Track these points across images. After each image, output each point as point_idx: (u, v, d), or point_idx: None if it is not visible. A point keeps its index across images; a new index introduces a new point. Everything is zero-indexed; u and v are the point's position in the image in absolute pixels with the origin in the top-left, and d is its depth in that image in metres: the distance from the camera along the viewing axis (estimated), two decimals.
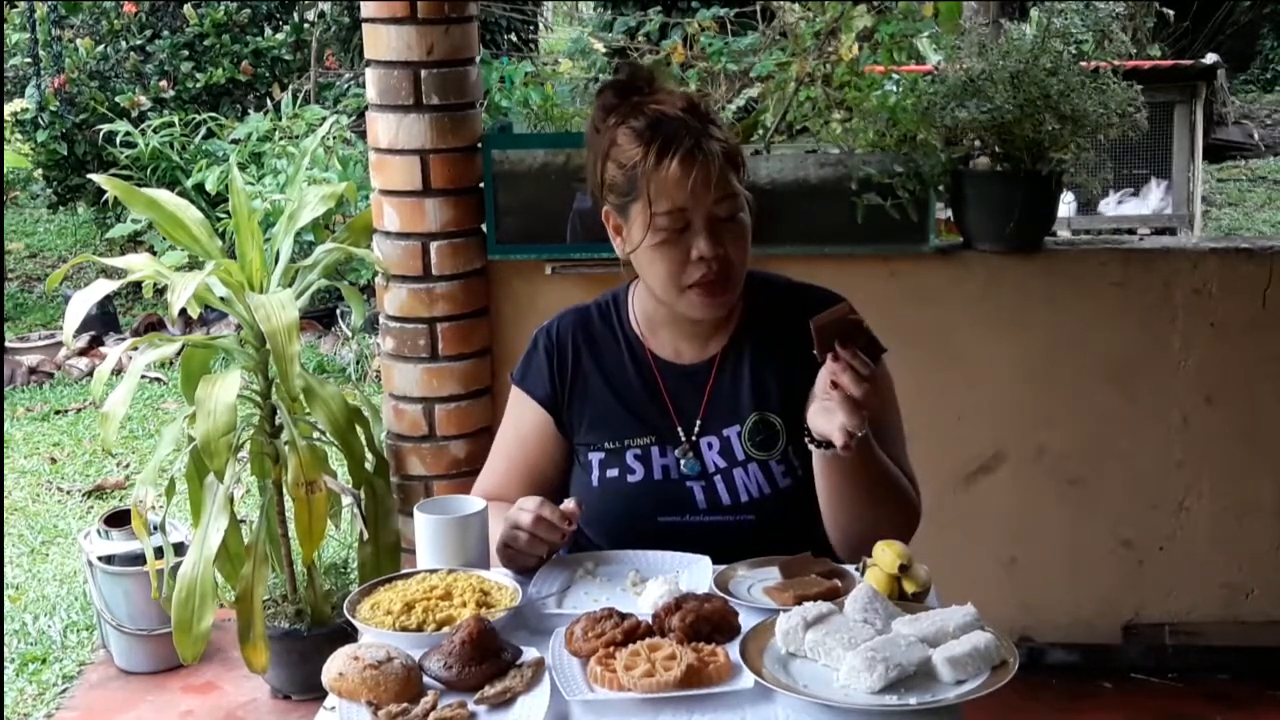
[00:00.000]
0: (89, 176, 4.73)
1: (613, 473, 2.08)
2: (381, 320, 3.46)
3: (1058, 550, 3.49)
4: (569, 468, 2.15)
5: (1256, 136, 10.44)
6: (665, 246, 1.97)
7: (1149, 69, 5.62)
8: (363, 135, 4.34)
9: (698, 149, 1.93)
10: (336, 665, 1.63)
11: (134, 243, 6.95)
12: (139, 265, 3.33)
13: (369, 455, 3.38)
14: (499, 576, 1.88)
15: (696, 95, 2.04)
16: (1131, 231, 6.33)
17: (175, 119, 7.31)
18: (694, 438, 2.07)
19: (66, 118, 7.87)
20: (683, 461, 2.06)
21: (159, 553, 3.30)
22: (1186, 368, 3.39)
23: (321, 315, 6.78)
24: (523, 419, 2.17)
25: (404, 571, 1.91)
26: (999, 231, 3.28)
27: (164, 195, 3.42)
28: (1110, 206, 6.44)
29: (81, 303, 3.13)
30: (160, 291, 6.28)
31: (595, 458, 2.09)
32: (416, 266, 3.36)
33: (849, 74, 3.62)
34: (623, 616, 1.71)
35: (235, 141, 6.82)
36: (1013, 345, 3.41)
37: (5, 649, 3.81)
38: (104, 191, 4.88)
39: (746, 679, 1.61)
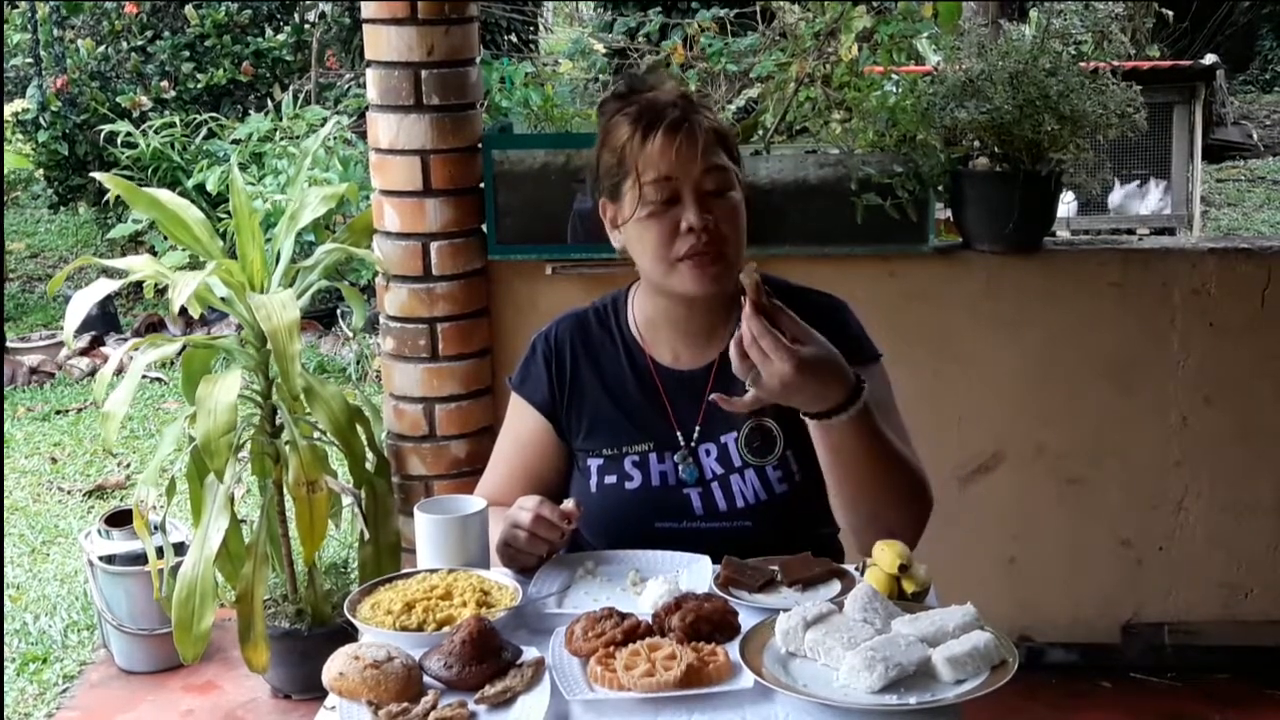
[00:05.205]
0: (91, 176, 4.73)
1: (610, 479, 2.08)
2: (382, 320, 3.46)
3: (1057, 550, 3.49)
4: (569, 473, 2.15)
5: (1255, 137, 10.44)
6: (654, 219, 1.97)
7: (1148, 69, 5.63)
8: (363, 135, 4.34)
9: (684, 120, 1.96)
10: (337, 665, 1.64)
11: (135, 243, 6.95)
12: (140, 266, 3.34)
13: (369, 455, 3.39)
14: (499, 576, 1.88)
15: (692, 91, 2.05)
16: (1131, 231, 6.35)
17: (176, 119, 7.30)
18: (693, 444, 2.07)
19: (68, 118, 7.87)
20: (681, 467, 2.06)
21: (159, 553, 3.30)
22: (1185, 368, 3.39)
23: (322, 315, 6.78)
24: (522, 425, 2.17)
25: (404, 571, 1.91)
26: (998, 232, 3.29)
27: (165, 195, 3.42)
28: (1117, 198, 6.47)
29: (82, 302, 3.14)
30: (161, 292, 6.27)
31: (594, 464, 2.09)
32: (417, 267, 3.36)
33: (849, 74, 3.62)
34: (623, 616, 1.71)
35: (236, 142, 6.82)
36: (1012, 345, 3.42)
37: (6, 649, 3.81)
38: (105, 192, 4.89)
39: (746, 679, 1.61)
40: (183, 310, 3.13)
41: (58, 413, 6.01)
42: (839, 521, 2.00)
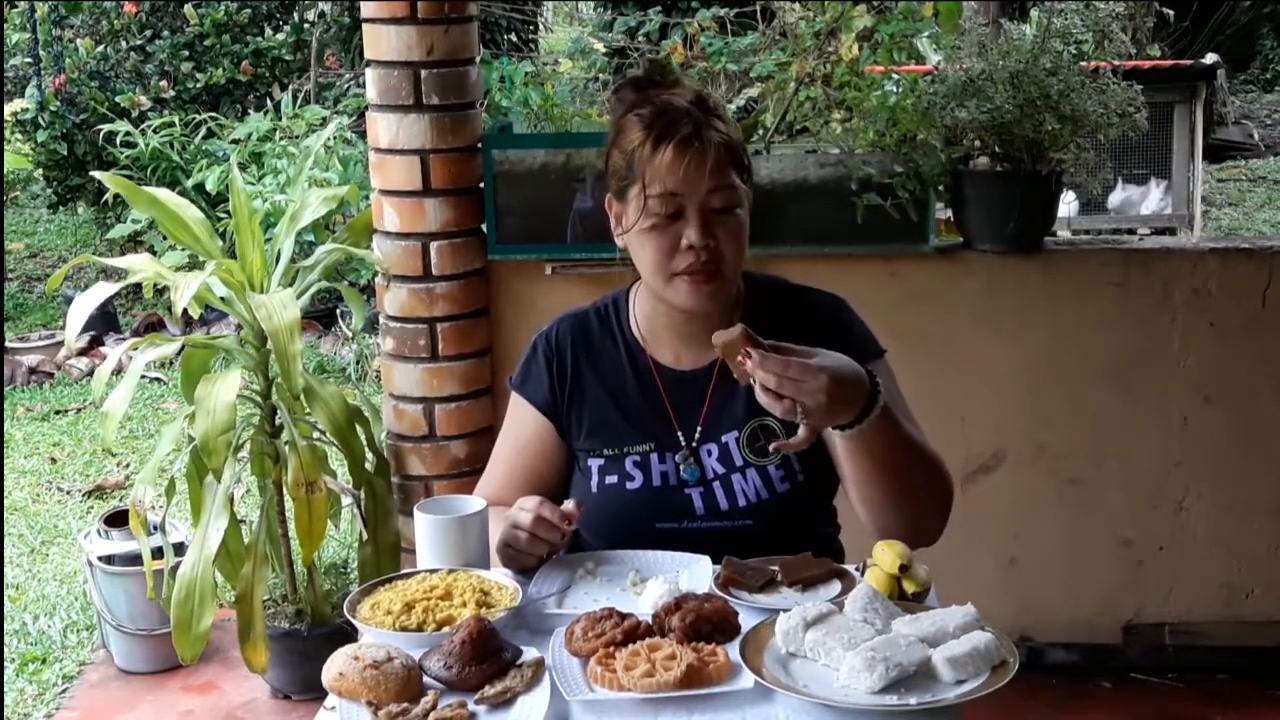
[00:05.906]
0: (90, 175, 4.73)
1: (611, 479, 2.07)
2: (382, 320, 3.46)
3: (1058, 550, 3.49)
4: (570, 473, 2.15)
5: (1256, 136, 10.44)
6: (656, 232, 1.96)
7: (1149, 69, 5.61)
8: (363, 135, 4.34)
9: (696, 136, 1.94)
10: (336, 665, 1.63)
11: (134, 243, 6.95)
12: (139, 266, 3.33)
13: (369, 455, 3.38)
14: (499, 576, 1.88)
15: (707, 92, 2.03)
16: (1131, 231, 6.34)
17: (175, 119, 7.30)
18: (694, 444, 2.07)
19: (67, 118, 7.87)
20: (682, 467, 2.06)
21: (158, 553, 3.30)
22: (1186, 368, 3.39)
23: (322, 315, 6.78)
24: (523, 425, 2.16)
25: (404, 571, 1.91)
26: (999, 231, 3.29)
27: (165, 194, 3.42)
28: (1118, 198, 6.47)
29: (82, 307, 3.13)
30: (160, 291, 6.28)
31: (594, 464, 2.09)
32: (417, 266, 3.36)
33: (849, 74, 3.62)
34: (623, 616, 1.70)
35: (235, 142, 6.81)
36: (1013, 345, 3.41)
37: (5, 649, 3.81)
38: (104, 191, 4.89)
39: (746, 679, 1.61)
40: (182, 310, 3.12)
41: (57, 413, 6.01)
42: (868, 524, 1.97)
